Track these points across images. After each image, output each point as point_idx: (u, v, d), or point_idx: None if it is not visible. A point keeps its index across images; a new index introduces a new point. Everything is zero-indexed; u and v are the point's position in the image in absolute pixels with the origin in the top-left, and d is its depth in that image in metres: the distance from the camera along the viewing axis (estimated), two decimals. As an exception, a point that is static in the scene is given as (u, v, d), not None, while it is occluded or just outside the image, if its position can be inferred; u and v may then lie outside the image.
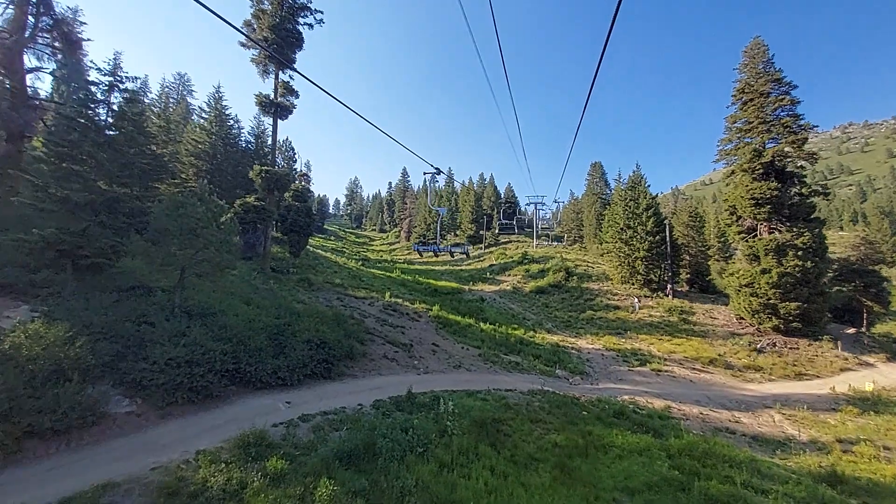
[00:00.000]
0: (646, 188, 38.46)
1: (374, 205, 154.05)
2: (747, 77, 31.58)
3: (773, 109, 30.08)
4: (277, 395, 11.80)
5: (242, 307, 15.32)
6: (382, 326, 21.65)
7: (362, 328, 19.58)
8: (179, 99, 66.44)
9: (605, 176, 74.78)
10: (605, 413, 14.32)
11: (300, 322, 15.12)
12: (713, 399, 18.05)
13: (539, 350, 23.87)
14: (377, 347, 18.29)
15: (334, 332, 15.74)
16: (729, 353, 25.16)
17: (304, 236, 28.72)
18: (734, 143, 31.82)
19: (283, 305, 17.50)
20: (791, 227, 28.10)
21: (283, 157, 46.05)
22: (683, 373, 21.79)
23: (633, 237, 36.96)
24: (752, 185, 28.69)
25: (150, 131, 34.07)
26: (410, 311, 27.06)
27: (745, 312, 28.39)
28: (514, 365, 20.32)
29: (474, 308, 33.01)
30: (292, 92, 23.91)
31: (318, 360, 13.72)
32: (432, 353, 19.72)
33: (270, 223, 23.66)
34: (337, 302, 23.89)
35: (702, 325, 29.76)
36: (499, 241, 72.33)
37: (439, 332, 24.36)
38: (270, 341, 13.26)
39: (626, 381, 20.32)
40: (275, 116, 23.98)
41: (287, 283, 24.57)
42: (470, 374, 17.98)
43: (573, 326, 30.78)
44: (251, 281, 20.72)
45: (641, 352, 24.83)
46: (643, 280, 36.09)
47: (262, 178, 22.72)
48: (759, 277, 27.50)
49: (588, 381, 20.13)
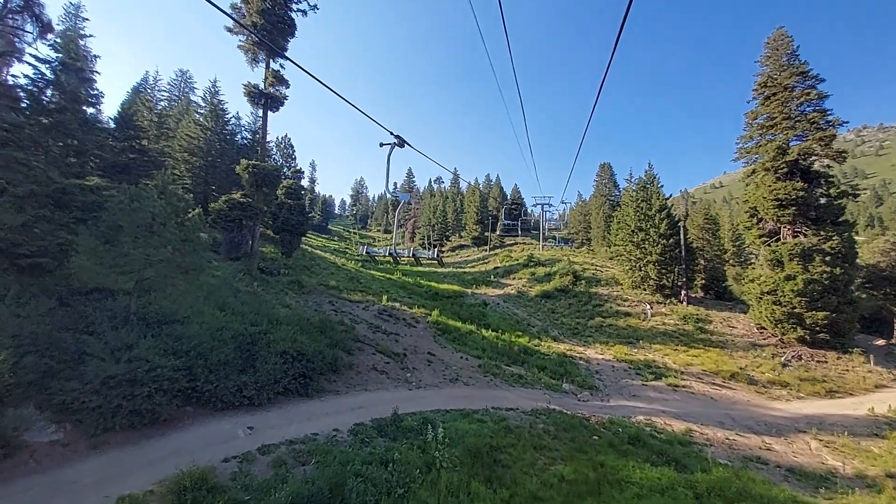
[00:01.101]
0: (658, 188, 36.52)
1: (380, 205, 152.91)
2: (770, 70, 29.64)
3: (797, 104, 28.12)
4: (241, 418, 10.23)
5: (215, 314, 13.78)
6: (375, 333, 20.04)
7: (351, 336, 17.98)
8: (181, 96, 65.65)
9: (613, 177, 72.79)
10: (618, 438, 12.58)
11: (277, 330, 13.55)
12: (738, 420, 16.21)
13: (544, 360, 22.13)
14: (366, 358, 16.68)
15: (316, 342, 14.16)
16: (751, 366, 23.23)
17: (297, 236, 27.24)
18: (755, 140, 29.88)
19: (263, 311, 15.94)
20: (818, 230, 26.11)
21: (282, 155, 44.73)
22: (703, 388, 19.93)
23: (644, 240, 35.06)
24: (776, 185, 26.74)
25: (141, 125, 33.01)
26: (408, 315, 25.45)
27: (767, 322, 26.42)
28: (516, 378, 18.61)
29: (476, 313, 31.32)
30: (283, 81, 22.40)
31: (294, 374, 12.14)
32: (427, 364, 18.07)
33: (259, 221, 22.20)
34: (328, 306, 22.33)
35: (720, 335, 27.81)
36: (504, 242, 70.55)
37: (437, 340, 22.72)
38: (239, 353, 11.71)
39: (641, 397, 18.52)
40: (265, 108, 22.53)
41: (276, 285, 23.06)
42: (467, 388, 16.30)
43: (581, 334, 28.97)
44: (234, 283, 19.22)
45: (655, 364, 22.99)
46: (655, 285, 34.17)
47: (249, 174, 21.26)
48: (782, 284, 25.54)
49: (598, 397, 18.36)
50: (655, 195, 35.99)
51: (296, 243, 27.36)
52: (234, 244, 22.33)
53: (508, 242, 71.00)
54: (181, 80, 66.35)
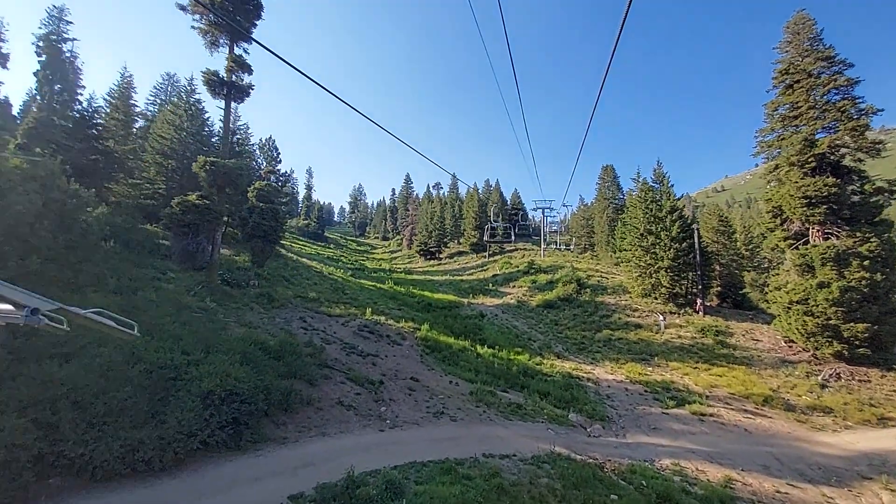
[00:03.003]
0: (669, 187, 33.70)
1: (378, 212, 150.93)
2: (791, 56, 26.98)
3: (823, 92, 25.40)
4: (125, 492, 7.41)
5: (122, 342, 11.00)
6: (349, 356, 17.21)
7: (317, 361, 15.16)
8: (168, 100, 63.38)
9: (617, 179, 70.16)
10: (644, 497, 9.73)
11: (208, 362, 10.73)
12: (785, 462, 13.27)
13: (547, 384, 19.23)
14: (333, 389, 13.84)
15: (261, 374, 11.31)
16: (784, 387, 20.28)
17: (270, 243, 24.50)
18: (777, 132, 27.13)
19: (205, 334, 13.15)
20: (852, 231, 23.25)
21: (266, 157, 42.19)
22: (734, 417, 16.98)
23: (655, 244, 32.21)
24: (804, 182, 23.94)
25: (105, 125, 30.49)
26: (393, 331, 22.63)
27: (798, 335, 23.46)
28: (515, 408, 15.71)
29: (471, 326, 28.47)
30: (244, 67, 19.74)
31: (221, 422, 9.30)
32: (408, 394, 15.20)
33: (220, 226, 19.51)
34: (298, 323, 19.52)
35: (743, 350, 24.86)
36: (504, 249, 67.76)
37: (424, 360, 19.88)
38: (143, 397, 8.91)
39: (662, 430, 15.58)
40: (227, 98, 19.92)
41: (240, 299, 20.28)
42: (454, 426, 13.41)
43: (588, 350, 26.04)
44: (182, 299, 16.42)
45: (675, 385, 20.06)
46: (668, 293, 31.26)
47: (207, 172, 18.59)
48: (814, 293, 22.61)
49: (612, 431, 15.45)
50: (666, 195, 33.18)
51: (269, 251, 24.62)
52: (188, 252, 19.58)
53: (508, 248, 68.18)
54: (168, 83, 64.06)
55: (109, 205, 30.08)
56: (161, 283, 18.14)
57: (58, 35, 37.00)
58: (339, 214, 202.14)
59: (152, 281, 17.94)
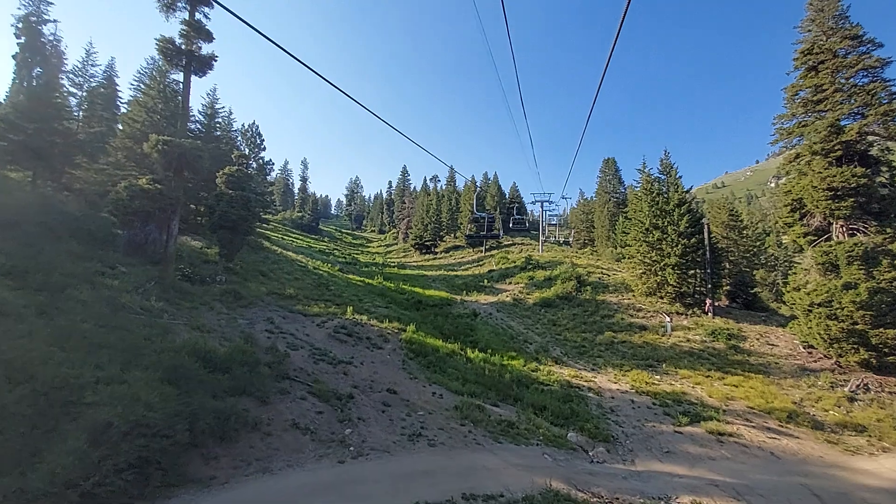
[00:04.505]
0: (677, 178, 31.45)
1: (375, 205, 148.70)
2: (814, 35, 24.68)
3: (850, 74, 23.16)
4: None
5: (28, 352, 8.80)
6: (317, 364, 15.05)
7: (277, 372, 13.00)
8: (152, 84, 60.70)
9: (618, 173, 67.98)
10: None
11: (121, 380, 8.53)
12: (826, 499, 11.19)
13: (544, 395, 17.11)
14: (290, 406, 11.68)
15: (190, 396, 9.13)
16: (807, 400, 18.24)
17: (240, 234, 22.21)
18: (798, 118, 24.88)
19: (135, 342, 10.96)
20: (882, 226, 21.15)
21: (248, 144, 39.76)
22: (757, 437, 14.91)
23: (661, 239, 30.03)
24: (829, 172, 21.76)
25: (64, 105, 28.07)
26: (375, 333, 20.50)
27: (819, 341, 21.38)
28: (506, 427, 13.58)
29: (463, 327, 26.37)
30: (203, 33, 17.28)
31: (117, 464, 7.11)
32: (382, 411, 13.05)
33: (177, 214, 17.23)
34: (264, 325, 17.34)
35: (759, 356, 22.79)
36: (501, 243, 65.58)
37: (407, 366, 17.75)
38: (20, 431, 6.73)
39: (677, 455, 13.49)
40: (186, 70, 17.56)
41: (201, 297, 18.05)
42: (432, 454, 11.26)
43: (589, 354, 23.93)
44: (122, 297, 14.19)
45: (687, 397, 17.98)
46: (675, 293, 29.16)
47: (160, 153, 16.27)
48: (839, 294, 20.50)
49: (618, 455, 13.36)
50: (673, 187, 30.97)
51: (238, 243, 22.33)
52: (136, 244, 17.32)
53: (506, 243, 66.02)
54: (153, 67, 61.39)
55: (72, 191, 27.73)
56: (105, 279, 15.92)
57: (37, 16, 34.66)
58: (336, 207, 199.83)
59: (94, 276, 15.72)
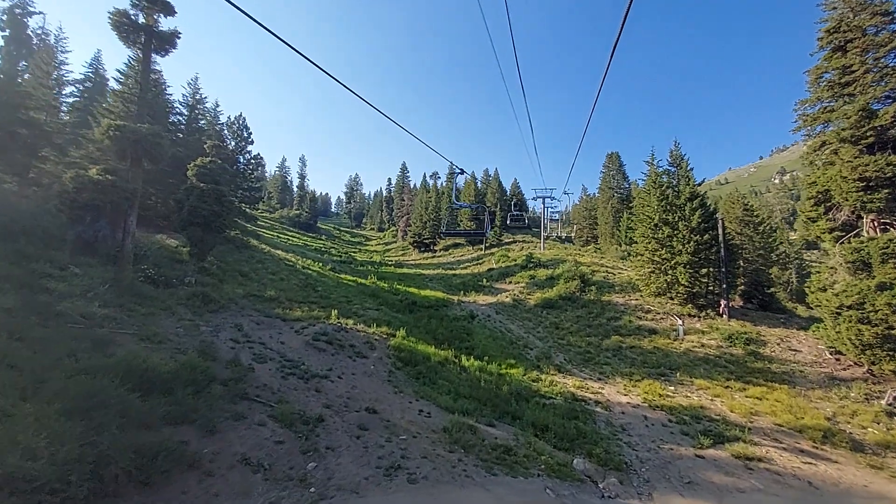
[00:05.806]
0: (688, 171, 29.44)
1: (374, 203, 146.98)
2: (840, 12, 22.63)
3: (882, 54, 21.11)
4: None
5: None
6: (286, 379, 13.20)
7: (234, 391, 11.15)
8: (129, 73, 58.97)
9: (622, 168, 65.92)
10: None
11: (11, 414, 6.68)
12: (885, 547, 9.30)
13: (546, 411, 15.20)
14: (243, 435, 9.81)
15: (101, 433, 7.28)
16: (841, 414, 16.30)
17: (213, 231, 20.38)
18: (822, 103, 22.86)
19: (53, 360, 9.13)
20: (919, 221, 19.19)
21: (235, 137, 37.87)
22: (789, 462, 13.00)
23: (672, 236, 28.06)
24: (860, 161, 19.77)
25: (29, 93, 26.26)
26: (359, 340, 18.63)
27: (850, 346, 19.41)
28: (502, 454, 11.69)
29: (459, 330, 24.50)
30: (160, 4, 15.46)
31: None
32: (357, 436, 11.17)
33: (134, 208, 15.41)
34: (231, 332, 15.49)
35: (781, 363, 20.85)
36: (501, 241, 63.68)
37: (393, 378, 15.89)
38: None
39: (700, 486, 11.59)
40: (146, 48, 15.74)
41: (164, 301, 16.23)
42: (412, 493, 9.38)
43: (595, 360, 22.01)
44: (59, 304, 12.36)
45: (706, 413, 16.05)
46: (686, 293, 27.19)
47: (112, 139, 14.44)
48: (872, 295, 18.55)
49: (633, 487, 11.46)
50: (685, 180, 28.97)
51: (210, 241, 20.47)
52: (84, 242, 15.49)
53: (506, 241, 64.09)
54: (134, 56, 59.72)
55: (41, 186, 25.96)
56: (51, 282, 14.10)
57: (22, 8, 33.01)
58: (336, 205, 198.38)
59: (38, 279, 13.91)
